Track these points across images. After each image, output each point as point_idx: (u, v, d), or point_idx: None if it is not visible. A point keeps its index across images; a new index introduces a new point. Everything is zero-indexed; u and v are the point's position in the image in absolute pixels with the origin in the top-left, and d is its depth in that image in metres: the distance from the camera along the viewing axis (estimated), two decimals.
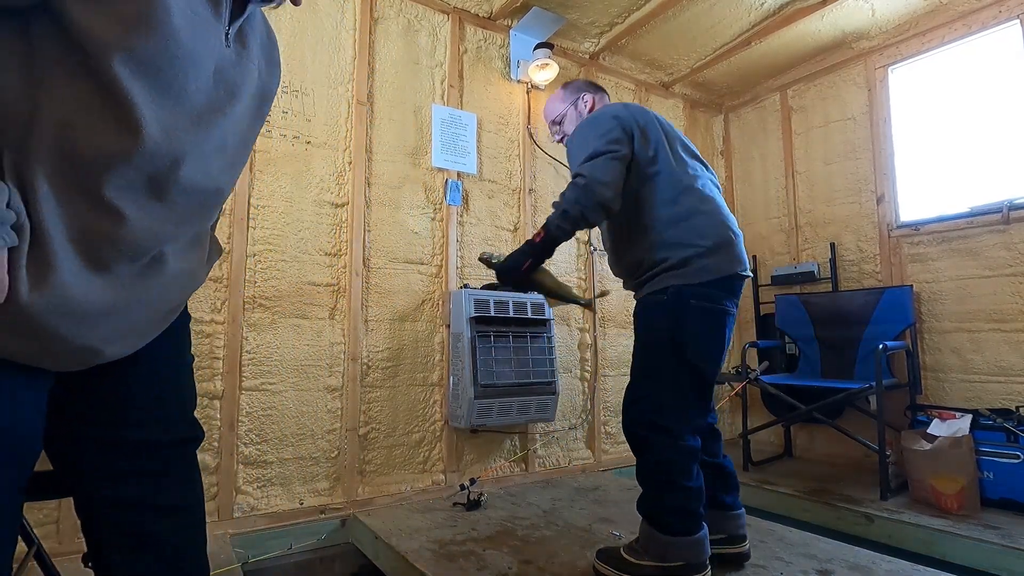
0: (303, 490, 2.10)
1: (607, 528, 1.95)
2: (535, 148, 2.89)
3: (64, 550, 1.68)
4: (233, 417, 1.99)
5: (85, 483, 0.86)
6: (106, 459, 0.86)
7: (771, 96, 3.54)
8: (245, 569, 1.85)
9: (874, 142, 3.01)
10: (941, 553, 1.92)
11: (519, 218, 2.79)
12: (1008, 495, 2.14)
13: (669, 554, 1.44)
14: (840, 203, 3.16)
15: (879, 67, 3.01)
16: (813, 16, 2.77)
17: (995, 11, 2.58)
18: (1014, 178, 2.55)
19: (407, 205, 2.46)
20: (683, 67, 3.32)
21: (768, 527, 1.96)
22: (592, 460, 2.90)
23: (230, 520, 1.94)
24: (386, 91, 2.45)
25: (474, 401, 2.27)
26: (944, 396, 2.66)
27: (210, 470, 1.93)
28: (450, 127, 2.60)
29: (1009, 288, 2.49)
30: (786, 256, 3.40)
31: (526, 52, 2.85)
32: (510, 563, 1.65)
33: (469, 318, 2.34)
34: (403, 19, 2.53)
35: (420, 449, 2.38)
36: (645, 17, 2.77)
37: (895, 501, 2.27)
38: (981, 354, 2.56)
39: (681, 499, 1.46)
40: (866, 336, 2.78)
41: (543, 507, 2.20)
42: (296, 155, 2.20)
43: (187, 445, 0.95)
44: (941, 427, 2.24)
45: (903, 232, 2.86)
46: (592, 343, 2.98)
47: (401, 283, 2.41)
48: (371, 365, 2.30)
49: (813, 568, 1.61)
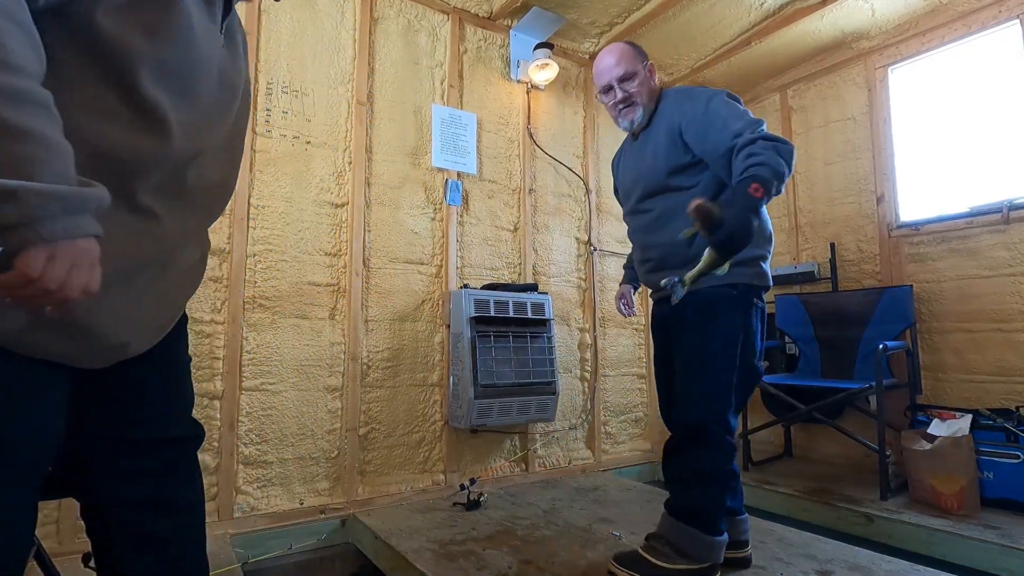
0: (303, 490, 2.10)
1: (607, 528, 1.95)
2: (535, 148, 2.89)
3: (64, 550, 1.68)
4: (233, 417, 1.99)
5: (92, 482, 0.87)
6: (115, 457, 0.87)
7: (771, 96, 3.54)
8: (245, 569, 1.85)
9: (874, 142, 3.01)
10: (941, 553, 1.92)
11: (519, 218, 2.79)
12: (1008, 495, 2.14)
13: (710, 554, 1.43)
14: (840, 203, 3.15)
15: (879, 67, 3.01)
16: (813, 16, 2.77)
17: (995, 11, 2.58)
18: (1014, 178, 2.54)
19: (407, 205, 2.46)
20: (683, 67, 3.32)
21: (768, 527, 1.96)
22: (592, 460, 2.90)
23: (230, 520, 1.94)
24: (386, 91, 2.45)
25: (474, 401, 2.27)
26: (944, 396, 2.66)
27: (210, 470, 1.93)
28: (450, 127, 2.60)
29: (1009, 288, 2.49)
30: (786, 256, 3.40)
31: (526, 52, 2.85)
32: (510, 563, 1.65)
33: (469, 318, 2.34)
34: (403, 19, 2.53)
35: (420, 449, 2.38)
36: (645, 17, 2.77)
37: (895, 501, 2.27)
38: (981, 354, 2.56)
39: (726, 498, 1.47)
40: (866, 336, 2.78)
41: (543, 507, 2.20)
42: (296, 155, 2.20)
43: (189, 444, 0.97)
44: (941, 427, 2.24)
45: (903, 232, 2.86)
46: (592, 343, 2.98)
47: (401, 283, 2.41)
48: (371, 365, 2.30)
49: (813, 569, 1.61)
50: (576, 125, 3.09)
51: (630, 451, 3.05)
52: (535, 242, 2.84)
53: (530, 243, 2.80)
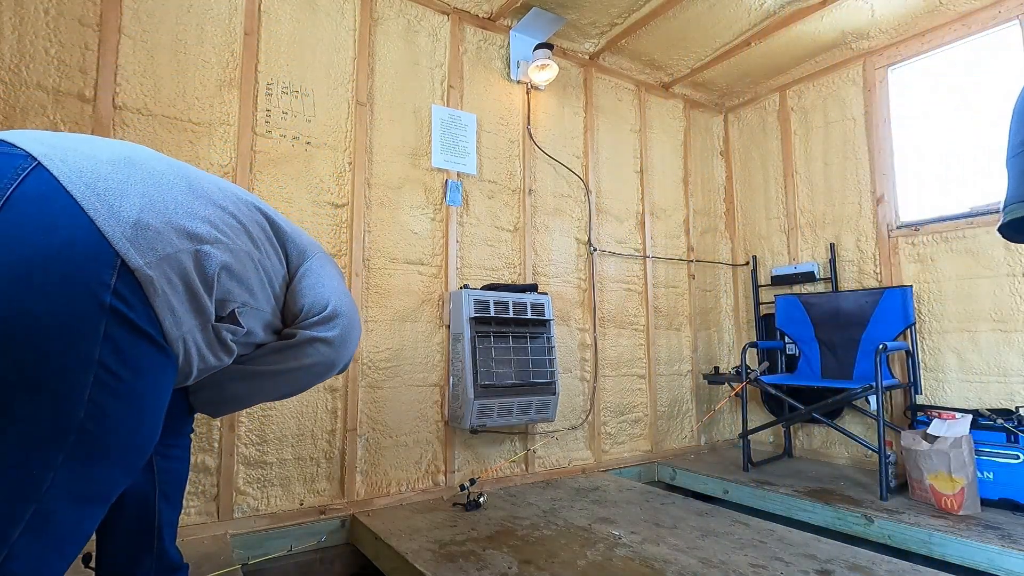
0: (303, 490, 2.10)
1: (607, 528, 1.95)
2: (535, 148, 2.90)
3: None
4: (233, 417, 1.99)
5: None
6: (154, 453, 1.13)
7: (771, 96, 3.55)
8: (245, 570, 1.85)
9: (874, 142, 3.02)
10: (941, 553, 1.92)
11: (519, 218, 2.80)
12: (1008, 495, 2.14)
13: None
14: (840, 203, 3.16)
15: (879, 67, 3.01)
16: (813, 16, 2.77)
17: (994, 12, 2.58)
18: None
19: (407, 205, 2.46)
20: (683, 67, 3.32)
21: (768, 527, 1.96)
22: (592, 460, 2.90)
23: (230, 520, 1.94)
24: (386, 92, 2.45)
25: (474, 401, 2.27)
26: (944, 396, 2.66)
27: (210, 470, 1.93)
28: (450, 127, 2.61)
29: (1009, 288, 2.49)
30: (786, 256, 3.40)
31: (526, 52, 2.85)
32: (510, 563, 1.65)
33: (469, 318, 2.34)
34: (403, 20, 2.53)
35: (420, 449, 2.38)
36: (645, 17, 2.78)
37: (895, 501, 2.27)
38: (981, 354, 2.56)
39: None
40: (866, 336, 2.78)
41: (543, 507, 2.20)
42: (296, 156, 2.20)
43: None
44: (941, 427, 2.24)
45: (903, 232, 2.86)
46: (592, 343, 2.98)
47: (401, 283, 2.41)
48: (371, 365, 2.30)
49: (813, 568, 1.61)
50: (576, 126, 3.09)
51: (630, 451, 3.05)
52: (535, 242, 2.84)
53: (530, 243, 2.80)
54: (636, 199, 3.29)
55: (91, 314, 0.70)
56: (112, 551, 1.12)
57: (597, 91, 3.20)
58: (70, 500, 0.73)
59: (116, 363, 0.73)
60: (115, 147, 0.84)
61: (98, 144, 0.83)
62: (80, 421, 0.71)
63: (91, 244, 0.71)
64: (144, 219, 0.77)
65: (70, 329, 0.69)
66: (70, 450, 0.71)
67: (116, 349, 0.73)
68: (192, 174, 0.91)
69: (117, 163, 0.80)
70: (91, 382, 0.71)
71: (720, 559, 1.67)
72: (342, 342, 1.10)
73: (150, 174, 0.83)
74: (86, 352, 0.70)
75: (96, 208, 0.72)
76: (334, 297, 1.10)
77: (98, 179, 0.75)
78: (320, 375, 1.10)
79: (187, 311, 0.83)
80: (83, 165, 0.76)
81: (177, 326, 0.81)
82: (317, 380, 1.11)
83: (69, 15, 1.83)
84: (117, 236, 0.73)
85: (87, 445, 0.72)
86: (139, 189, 0.79)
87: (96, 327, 0.71)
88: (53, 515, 0.72)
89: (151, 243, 0.76)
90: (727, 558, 1.68)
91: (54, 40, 1.80)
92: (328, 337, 1.07)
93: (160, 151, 1.82)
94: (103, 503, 0.78)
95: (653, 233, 3.34)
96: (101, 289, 0.71)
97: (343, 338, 1.10)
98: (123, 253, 0.73)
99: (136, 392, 0.76)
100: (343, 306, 1.11)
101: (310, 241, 1.15)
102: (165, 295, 0.78)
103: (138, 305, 0.75)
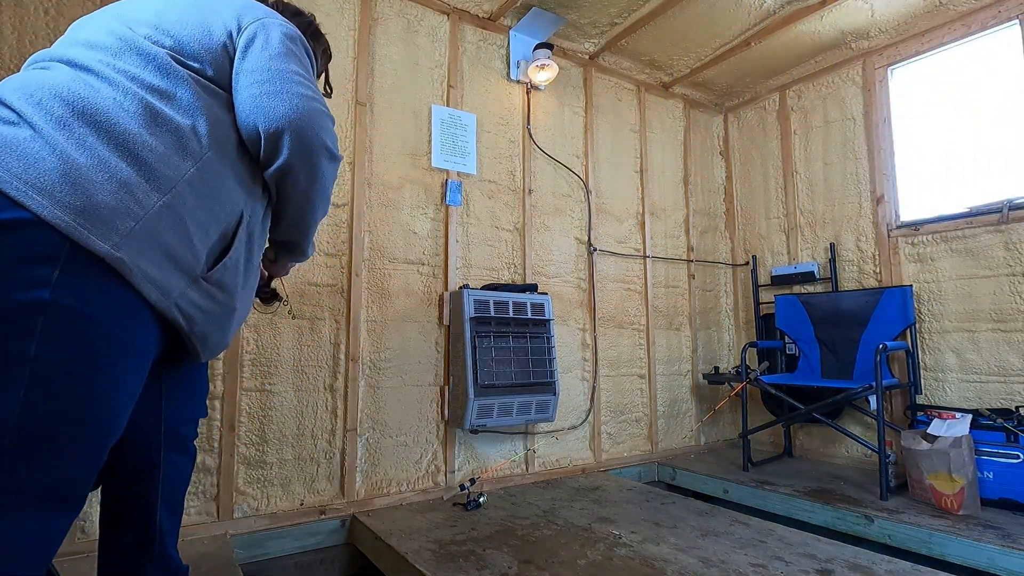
0: (303, 490, 2.10)
1: (607, 528, 1.95)
2: (535, 148, 2.89)
3: (64, 550, 1.68)
4: (233, 417, 1.99)
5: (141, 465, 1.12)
6: (165, 450, 1.14)
7: (771, 96, 3.55)
8: (245, 570, 1.85)
9: (874, 142, 3.02)
10: (941, 553, 1.92)
11: (519, 218, 2.79)
12: (1008, 495, 2.14)
13: None
14: (840, 203, 3.16)
15: (879, 67, 3.02)
16: (813, 16, 2.77)
17: (994, 12, 2.58)
18: (1014, 178, 2.55)
19: (407, 205, 2.46)
20: (683, 67, 3.32)
21: (768, 527, 1.96)
22: (592, 460, 2.90)
23: (230, 520, 1.94)
24: (386, 92, 2.45)
25: (474, 401, 2.28)
26: (944, 396, 2.66)
27: (210, 470, 1.93)
28: (450, 127, 2.61)
29: (1009, 288, 2.49)
30: (786, 256, 3.41)
31: (526, 52, 2.85)
32: (510, 563, 1.65)
33: (469, 318, 2.34)
34: (402, 20, 2.53)
35: (420, 449, 2.38)
36: (645, 17, 2.78)
37: (895, 501, 2.27)
38: (981, 354, 2.56)
39: None
40: (866, 336, 2.78)
41: (543, 507, 2.20)
42: None
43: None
44: (941, 427, 2.24)
45: (903, 232, 2.86)
46: (592, 343, 2.98)
47: (401, 283, 2.41)
48: (371, 365, 2.30)
49: (813, 568, 1.61)
50: (576, 126, 3.09)
51: (630, 451, 3.05)
52: (535, 242, 2.84)
53: (530, 243, 2.80)
54: (636, 199, 3.29)
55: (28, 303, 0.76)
56: (114, 562, 1.11)
57: (597, 91, 3.20)
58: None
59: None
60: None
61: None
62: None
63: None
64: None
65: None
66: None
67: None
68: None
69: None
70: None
71: (720, 559, 1.67)
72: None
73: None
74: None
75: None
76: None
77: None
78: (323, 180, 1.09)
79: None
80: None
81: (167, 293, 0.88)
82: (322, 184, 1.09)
83: (69, 15, 1.83)
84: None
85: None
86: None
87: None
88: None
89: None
90: (727, 558, 1.68)
91: (54, 40, 1.80)
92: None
93: None
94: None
95: (653, 233, 3.34)
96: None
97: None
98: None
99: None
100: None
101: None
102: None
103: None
